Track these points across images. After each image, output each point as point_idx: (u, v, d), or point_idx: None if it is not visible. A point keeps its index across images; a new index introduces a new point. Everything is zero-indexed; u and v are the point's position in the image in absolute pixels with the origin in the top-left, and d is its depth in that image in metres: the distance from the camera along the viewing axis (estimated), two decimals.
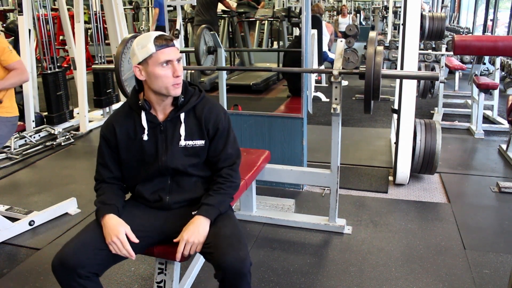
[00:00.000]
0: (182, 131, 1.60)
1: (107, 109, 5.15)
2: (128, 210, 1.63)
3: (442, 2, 10.74)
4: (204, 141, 1.62)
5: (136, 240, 1.51)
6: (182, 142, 1.60)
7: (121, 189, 1.68)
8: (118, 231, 1.48)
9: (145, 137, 1.59)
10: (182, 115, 1.60)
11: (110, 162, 1.64)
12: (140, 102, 1.58)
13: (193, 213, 1.56)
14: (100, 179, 1.66)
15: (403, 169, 3.14)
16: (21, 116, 4.42)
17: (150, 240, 1.60)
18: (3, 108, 2.56)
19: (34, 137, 4.32)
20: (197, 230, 1.50)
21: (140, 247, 1.57)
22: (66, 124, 4.81)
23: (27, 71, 2.70)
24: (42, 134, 4.46)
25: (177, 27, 4.81)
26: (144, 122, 1.59)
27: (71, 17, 4.90)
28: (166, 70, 1.50)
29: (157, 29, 7.22)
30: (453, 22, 12.55)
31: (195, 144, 1.61)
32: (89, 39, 7.54)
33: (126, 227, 1.51)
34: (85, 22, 5.62)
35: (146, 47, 1.49)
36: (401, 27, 3.23)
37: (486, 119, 4.83)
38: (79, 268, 1.41)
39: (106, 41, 5.45)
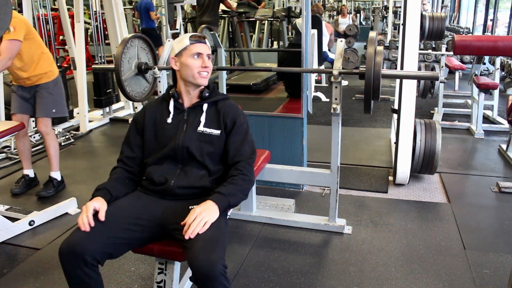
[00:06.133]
0: (203, 118, 1.78)
1: (107, 109, 5.14)
2: (131, 200, 1.68)
3: (442, 2, 10.74)
4: (220, 131, 1.76)
5: (102, 218, 1.54)
6: (201, 128, 1.76)
7: (131, 172, 1.78)
8: (87, 206, 1.55)
9: (169, 120, 1.79)
10: (205, 106, 1.80)
11: (134, 141, 1.81)
12: (171, 92, 1.82)
13: (190, 207, 1.56)
14: (120, 158, 1.81)
15: (403, 169, 3.14)
16: None
17: (148, 230, 1.60)
18: (46, 74, 2.89)
19: (34, 137, 4.31)
20: (209, 210, 1.52)
21: (137, 239, 1.59)
22: (66, 124, 4.81)
23: (10, 59, 2.67)
24: None
25: (177, 27, 4.82)
26: (171, 107, 1.81)
27: (71, 17, 4.90)
28: (196, 61, 1.75)
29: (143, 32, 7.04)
30: (453, 22, 12.56)
31: (211, 132, 1.76)
32: (89, 39, 7.54)
33: (98, 204, 1.57)
34: (85, 22, 5.62)
35: (183, 41, 1.77)
36: (401, 27, 3.23)
37: (486, 119, 4.84)
38: (86, 255, 1.44)
39: (106, 41, 5.45)
